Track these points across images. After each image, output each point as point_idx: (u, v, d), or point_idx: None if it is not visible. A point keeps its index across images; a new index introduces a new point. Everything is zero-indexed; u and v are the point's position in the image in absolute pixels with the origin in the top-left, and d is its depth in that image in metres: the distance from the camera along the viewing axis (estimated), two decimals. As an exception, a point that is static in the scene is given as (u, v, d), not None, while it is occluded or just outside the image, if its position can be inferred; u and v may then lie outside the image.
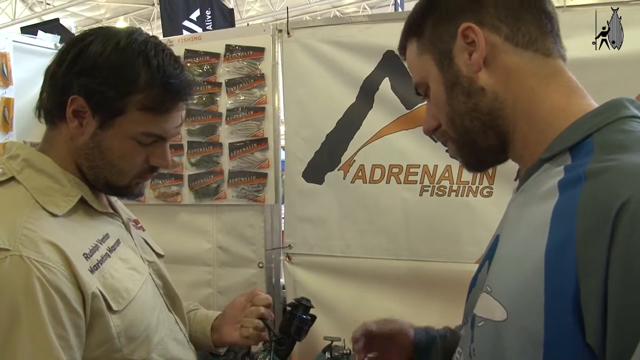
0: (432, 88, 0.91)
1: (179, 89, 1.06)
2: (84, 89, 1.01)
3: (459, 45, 0.86)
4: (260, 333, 1.33)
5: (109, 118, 1.03)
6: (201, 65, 2.60)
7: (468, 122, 0.87)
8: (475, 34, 0.83)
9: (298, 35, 2.43)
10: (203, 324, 1.39)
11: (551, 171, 0.78)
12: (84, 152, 1.06)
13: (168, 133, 1.09)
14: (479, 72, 0.85)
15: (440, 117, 0.92)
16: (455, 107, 0.88)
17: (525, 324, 0.70)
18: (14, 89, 2.61)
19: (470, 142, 0.90)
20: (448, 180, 2.23)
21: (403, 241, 2.31)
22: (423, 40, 0.90)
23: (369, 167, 2.34)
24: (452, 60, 0.87)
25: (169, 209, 2.72)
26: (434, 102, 0.92)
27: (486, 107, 0.85)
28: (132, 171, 1.09)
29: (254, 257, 2.59)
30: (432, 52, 0.89)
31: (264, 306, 1.36)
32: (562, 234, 0.67)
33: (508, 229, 0.84)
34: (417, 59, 0.92)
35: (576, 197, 0.68)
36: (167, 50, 1.08)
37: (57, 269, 0.93)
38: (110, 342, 1.00)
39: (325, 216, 2.42)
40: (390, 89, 2.28)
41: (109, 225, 1.13)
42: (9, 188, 1.02)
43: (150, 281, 1.18)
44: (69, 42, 1.07)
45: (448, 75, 0.88)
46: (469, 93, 0.86)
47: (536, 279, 0.68)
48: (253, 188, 2.53)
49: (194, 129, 2.62)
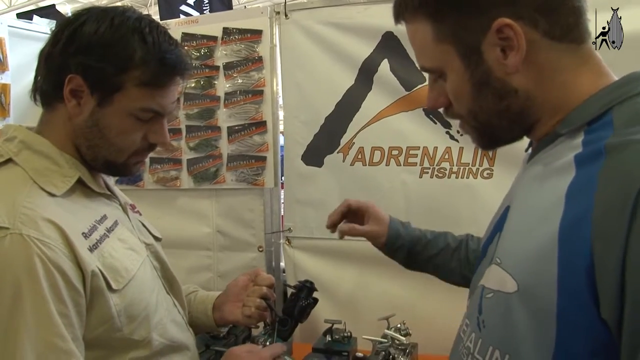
0: (452, 79, 0.84)
1: (175, 63, 1.07)
2: (82, 67, 1.01)
3: (491, 40, 0.78)
4: (263, 313, 1.34)
5: (107, 95, 1.03)
6: (199, 48, 2.58)
7: (496, 121, 0.84)
8: (515, 33, 0.75)
9: (296, 17, 2.41)
10: (204, 303, 1.40)
11: (567, 144, 0.77)
12: (82, 131, 1.06)
13: (165, 108, 1.10)
14: (514, 74, 0.79)
15: (459, 107, 0.87)
16: (483, 106, 0.83)
17: (537, 296, 0.69)
18: (10, 74, 2.60)
19: (492, 133, 0.88)
20: (448, 162, 2.23)
21: (403, 223, 2.30)
22: (442, 27, 0.81)
23: (369, 149, 2.33)
24: (480, 56, 0.79)
25: (168, 194, 2.72)
26: (453, 93, 0.86)
27: (518, 107, 0.81)
28: (131, 148, 1.09)
29: (253, 240, 2.60)
30: (454, 44, 0.81)
31: (266, 286, 1.36)
32: (579, 209, 0.66)
33: (519, 201, 0.83)
34: (432, 45, 0.84)
35: (595, 172, 0.67)
36: (160, 27, 1.08)
37: (57, 247, 0.93)
38: (110, 321, 1.01)
39: (325, 199, 2.42)
40: (390, 70, 2.26)
41: (107, 207, 1.13)
42: (7, 169, 1.02)
43: (149, 263, 1.18)
44: (62, 23, 1.07)
45: (476, 74, 0.81)
46: (501, 96, 0.81)
47: (549, 252, 0.68)
48: (252, 172, 2.53)
49: (192, 113, 2.61)
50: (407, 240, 1.34)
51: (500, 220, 0.87)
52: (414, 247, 1.34)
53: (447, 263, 1.32)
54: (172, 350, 1.17)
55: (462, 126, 0.92)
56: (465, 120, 0.88)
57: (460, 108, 0.86)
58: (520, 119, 0.83)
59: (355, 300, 2.38)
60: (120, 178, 2.65)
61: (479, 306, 0.82)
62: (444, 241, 1.34)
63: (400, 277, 2.30)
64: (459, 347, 0.89)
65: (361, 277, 2.38)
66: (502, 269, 0.77)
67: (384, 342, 1.79)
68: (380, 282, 2.34)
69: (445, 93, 0.87)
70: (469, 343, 0.84)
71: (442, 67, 0.84)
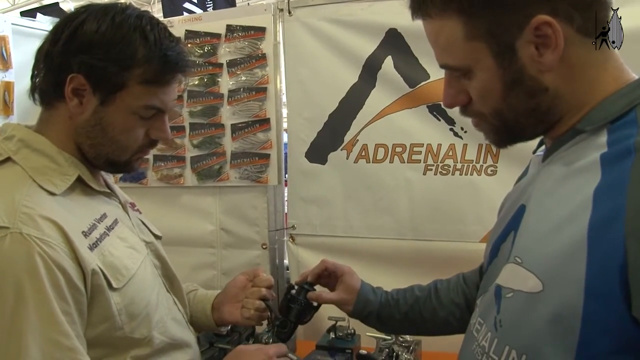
0: (481, 78, 0.81)
1: (177, 60, 1.07)
2: (84, 66, 1.01)
3: (527, 37, 0.75)
4: (262, 314, 1.34)
5: (110, 94, 1.03)
6: (202, 46, 2.57)
7: (523, 120, 0.82)
8: (554, 31, 0.73)
9: (299, 14, 2.40)
10: (203, 303, 1.40)
11: (590, 143, 0.76)
12: (84, 130, 1.06)
13: (167, 105, 1.10)
14: (547, 72, 0.77)
15: (482, 105, 0.84)
16: (512, 104, 0.81)
17: (562, 294, 0.69)
18: (14, 72, 2.60)
19: (515, 131, 0.86)
20: (452, 159, 2.22)
21: (407, 221, 2.30)
22: (476, 24, 0.78)
23: (372, 146, 2.33)
24: (515, 54, 0.77)
25: (171, 191, 2.71)
26: (479, 91, 0.83)
27: (546, 106, 0.80)
28: (134, 146, 1.10)
29: (257, 238, 2.60)
30: (489, 42, 0.78)
31: (265, 287, 1.36)
32: (609, 208, 0.66)
33: (538, 200, 0.82)
34: (461, 43, 0.80)
35: (626, 171, 0.67)
36: (161, 24, 1.08)
37: (57, 246, 0.93)
38: (111, 319, 1.01)
39: (329, 196, 2.42)
40: (393, 67, 2.25)
41: (107, 205, 1.14)
42: (6, 168, 1.02)
43: (149, 261, 1.18)
44: (60, 21, 1.06)
45: (509, 72, 0.78)
46: (533, 93, 0.79)
47: (577, 251, 0.67)
48: (256, 169, 2.52)
49: (195, 110, 2.60)
50: (376, 306, 1.34)
51: (515, 218, 0.86)
52: (383, 310, 1.34)
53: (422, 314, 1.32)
54: (173, 348, 1.17)
55: (477, 124, 0.89)
56: (485, 118, 0.86)
57: (484, 106, 0.84)
58: (547, 117, 0.82)
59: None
60: (124, 175, 2.67)
61: (497, 305, 0.81)
62: (412, 296, 1.34)
63: (404, 275, 2.29)
64: (472, 346, 0.88)
65: (365, 275, 2.34)
66: (523, 268, 0.76)
67: (388, 339, 1.79)
68: (384, 280, 2.30)
69: (466, 90, 0.85)
70: (484, 342, 0.84)
71: (471, 66, 0.81)
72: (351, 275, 1.39)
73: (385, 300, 1.35)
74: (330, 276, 1.41)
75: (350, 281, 1.37)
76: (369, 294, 1.36)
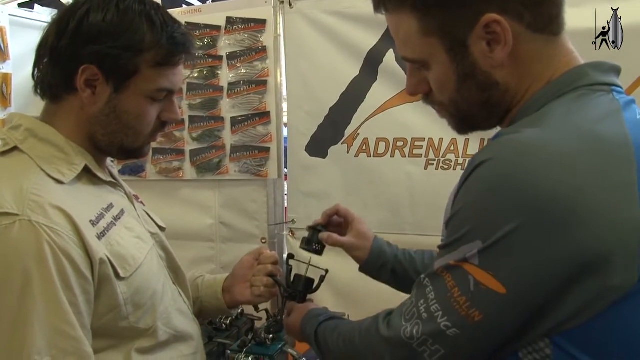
0: (436, 71, 0.86)
1: (184, 41, 1.10)
2: (95, 57, 1.02)
3: (477, 34, 0.79)
4: (272, 290, 1.36)
5: (124, 80, 1.05)
6: (202, 38, 2.55)
7: (476, 110, 0.87)
8: (503, 29, 0.77)
9: (300, 6, 2.39)
10: (213, 287, 1.41)
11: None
12: (98, 120, 1.07)
13: (176, 85, 1.13)
14: (498, 67, 0.81)
15: (440, 96, 0.89)
16: (465, 96, 0.85)
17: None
18: (12, 64, 2.59)
19: (470, 121, 0.91)
20: (454, 154, 2.21)
21: (408, 216, 2.29)
22: (429, 21, 0.82)
23: (373, 140, 2.32)
24: (467, 50, 0.81)
25: (170, 185, 2.70)
26: (436, 83, 0.88)
27: (497, 99, 0.84)
28: (147, 130, 1.12)
29: (257, 232, 2.59)
30: (442, 38, 0.82)
31: (271, 263, 1.38)
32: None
33: None
34: (417, 38, 0.84)
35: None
36: (161, 8, 1.10)
37: (66, 234, 0.93)
38: (117, 309, 1.01)
39: (329, 190, 2.41)
40: (395, 61, 2.23)
41: (113, 196, 1.14)
42: (13, 157, 1.02)
43: (155, 252, 1.18)
44: (62, 14, 1.06)
45: (461, 66, 0.82)
46: (484, 87, 0.83)
47: None
48: (255, 162, 2.51)
49: (195, 103, 2.59)
50: (391, 258, 1.32)
51: None
52: (399, 265, 1.32)
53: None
54: (177, 340, 1.17)
55: (439, 112, 0.94)
56: (445, 107, 0.91)
57: (442, 97, 0.88)
58: (498, 110, 0.86)
59: (358, 292, 2.36)
60: (123, 168, 2.67)
61: None
62: (430, 256, 1.31)
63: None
64: None
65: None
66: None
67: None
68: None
69: (426, 81, 0.89)
70: None
71: (427, 59, 0.85)
72: (362, 223, 1.37)
73: (402, 255, 1.33)
74: (341, 225, 1.39)
75: (362, 228, 1.36)
76: (384, 245, 1.35)
